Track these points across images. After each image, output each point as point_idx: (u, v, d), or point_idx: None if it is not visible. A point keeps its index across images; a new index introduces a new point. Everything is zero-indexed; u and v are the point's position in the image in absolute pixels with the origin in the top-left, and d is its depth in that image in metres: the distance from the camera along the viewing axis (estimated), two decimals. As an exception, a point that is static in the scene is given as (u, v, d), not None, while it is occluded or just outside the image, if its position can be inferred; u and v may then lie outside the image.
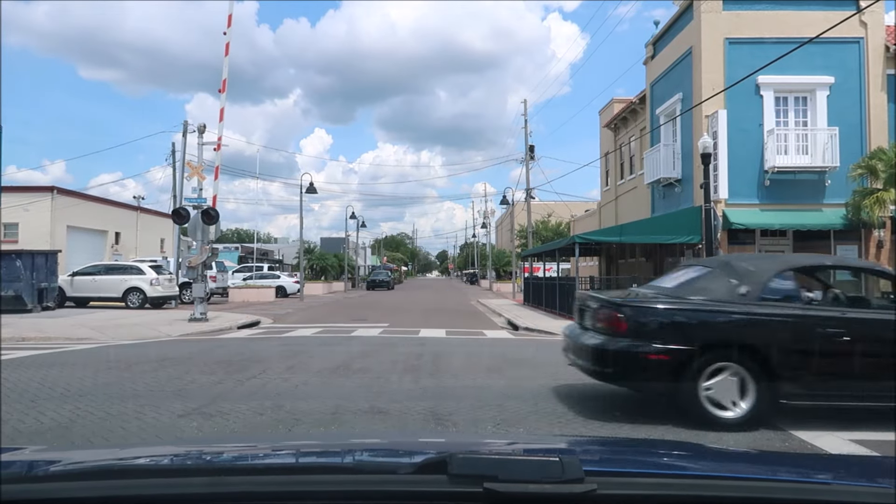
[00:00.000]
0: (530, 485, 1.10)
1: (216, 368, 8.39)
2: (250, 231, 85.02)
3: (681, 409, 5.47)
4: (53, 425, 5.36)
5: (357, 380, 7.61)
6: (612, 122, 28.75)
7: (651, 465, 1.55)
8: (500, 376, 7.94)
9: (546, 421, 5.67)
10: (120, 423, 5.44)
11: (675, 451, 1.89)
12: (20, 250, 21.83)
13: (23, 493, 1.17)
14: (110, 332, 14.33)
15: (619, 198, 28.28)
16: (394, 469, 1.40)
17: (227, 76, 17.89)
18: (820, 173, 17.79)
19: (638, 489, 1.19)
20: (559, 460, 1.15)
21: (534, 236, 39.75)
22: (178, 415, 5.72)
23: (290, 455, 1.68)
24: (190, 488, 1.19)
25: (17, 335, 13.05)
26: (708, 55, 18.18)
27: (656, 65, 22.59)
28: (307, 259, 44.58)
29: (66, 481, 1.25)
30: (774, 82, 17.75)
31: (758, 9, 18.30)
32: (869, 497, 1.26)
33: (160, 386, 7.17)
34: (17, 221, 32.34)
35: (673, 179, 20.45)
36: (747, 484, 1.28)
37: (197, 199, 17.68)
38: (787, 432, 5.30)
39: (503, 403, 6.30)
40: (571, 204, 44.99)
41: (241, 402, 6.25)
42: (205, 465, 1.46)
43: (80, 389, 6.91)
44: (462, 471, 1.12)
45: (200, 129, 19.84)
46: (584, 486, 1.11)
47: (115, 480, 1.23)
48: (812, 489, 1.30)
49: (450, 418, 5.69)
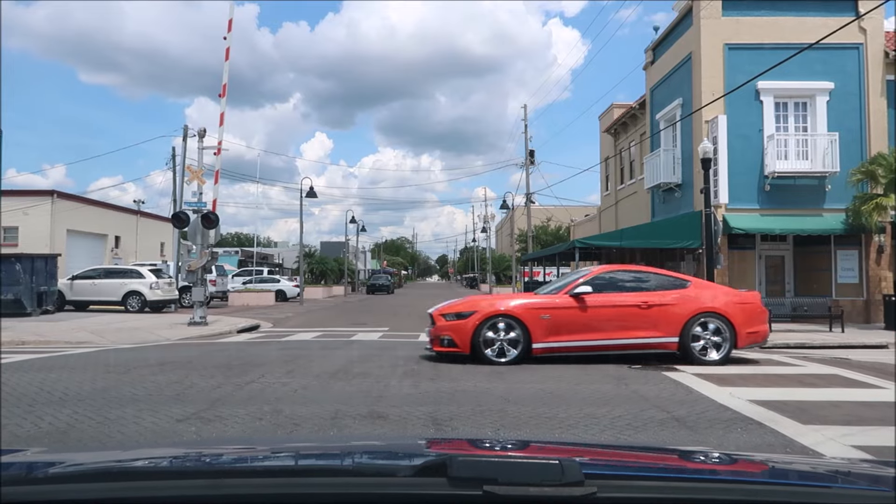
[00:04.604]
0: (530, 488, 1.10)
1: (215, 372, 8.37)
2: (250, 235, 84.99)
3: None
4: (51, 430, 5.33)
5: (357, 384, 7.58)
6: (613, 127, 28.78)
7: (651, 469, 1.55)
8: (500, 380, 7.91)
9: (547, 426, 5.64)
10: (118, 427, 5.42)
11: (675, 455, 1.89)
12: (20, 254, 21.82)
13: (23, 495, 1.17)
14: (109, 335, 14.30)
15: (620, 202, 28.29)
16: (393, 472, 1.40)
17: (227, 81, 17.90)
18: (820, 178, 17.80)
19: (638, 492, 1.19)
20: (559, 463, 1.15)
21: (534, 241, 39.73)
22: (176, 419, 5.69)
23: (290, 457, 1.68)
24: (190, 490, 1.19)
25: (16, 339, 13.02)
26: (708, 60, 18.21)
27: (656, 70, 22.62)
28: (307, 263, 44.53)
29: (67, 483, 1.25)
30: (774, 88, 17.78)
31: (757, 14, 18.34)
32: (869, 500, 1.25)
33: (159, 390, 7.15)
34: (17, 225, 32.33)
35: (673, 184, 20.46)
36: (748, 487, 1.28)
37: (197, 203, 17.67)
38: (788, 437, 5.28)
39: (504, 408, 6.28)
40: (571, 208, 45.02)
41: (240, 407, 6.22)
42: (204, 467, 1.47)
43: (79, 394, 6.88)
44: (462, 473, 1.13)
45: (201, 134, 19.83)
46: (583, 489, 1.11)
47: (115, 482, 1.24)
48: (813, 493, 1.29)
49: (449, 423, 5.67)
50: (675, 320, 9.47)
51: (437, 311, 9.97)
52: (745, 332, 9.58)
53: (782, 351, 12.43)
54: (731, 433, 5.39)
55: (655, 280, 10.03)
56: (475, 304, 9.95)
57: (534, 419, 5.88)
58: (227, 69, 17.86)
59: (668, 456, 1.86)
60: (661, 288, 9.82)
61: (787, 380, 8.27)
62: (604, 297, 9.62)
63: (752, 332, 9.67)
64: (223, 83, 17.87)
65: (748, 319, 9.67)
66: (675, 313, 9.50)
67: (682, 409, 6.24)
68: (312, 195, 34.24)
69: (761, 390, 7.38)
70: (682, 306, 9.55)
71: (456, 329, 9.48)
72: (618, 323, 9.51)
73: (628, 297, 9.65)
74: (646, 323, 9.48)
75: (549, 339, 9.38)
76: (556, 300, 9.67)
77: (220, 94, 18.12)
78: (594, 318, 9.51)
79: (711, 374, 8.38)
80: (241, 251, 55.38)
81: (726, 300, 9.77)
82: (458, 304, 10.10)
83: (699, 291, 9.87)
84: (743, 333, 9.55)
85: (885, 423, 5.82)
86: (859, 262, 18.15)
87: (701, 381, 7.81)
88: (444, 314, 9.80)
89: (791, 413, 6.08)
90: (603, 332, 9.49)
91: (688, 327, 9.47)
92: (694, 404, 6.52)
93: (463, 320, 9.49)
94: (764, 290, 18.33)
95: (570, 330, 9.47)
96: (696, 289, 9.94)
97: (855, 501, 1.25)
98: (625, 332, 9.49)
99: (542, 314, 9.46)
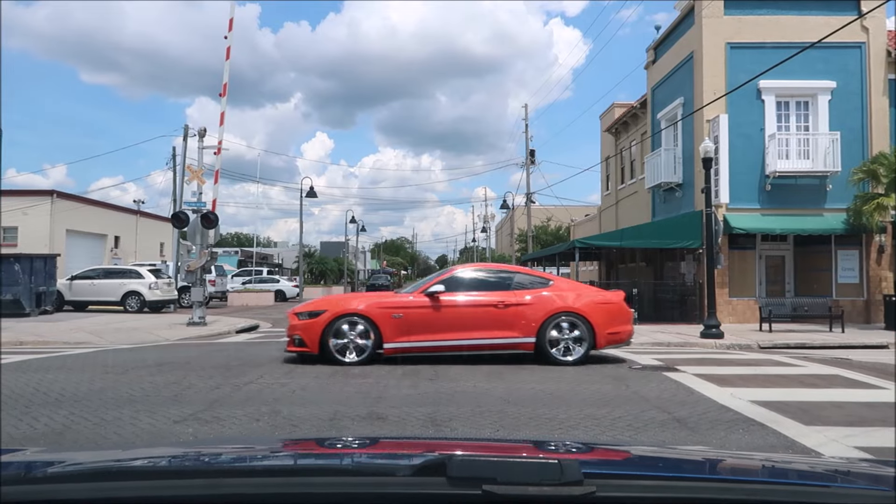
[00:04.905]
0: (529, 487, 1.10)
1: (214, 373, 8.32)
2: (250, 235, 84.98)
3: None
4: (47, 431, 5.29)
5: (355, 385, 7.54)
6: (613, 127, 28.73)
7: (650, 468, 1.54)
8: (499, 381, 7.87)
9: (547, 427, 5.60)
10: (114, 429, 5.37)
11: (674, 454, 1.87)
12: (19, 254, 21.78)
13: (22, 494, 1.16)
14: (108, 336, 14.27)
15: (620, 202, 28.24)
16: (392, 471, 1.40)
17: (227, 80, 17.87)
18: (821, 178, 17.76)
19: (637, 491, 1.18)
20: (558, 462, 1.15)
21: (534, 241, 39.70)
22: (173, 421, 5.64)
23: (289, 457, 1.68)
24: (189, 490, 1.19)
25: (14, 339, 12.99)
26: (709, 60, 18.17)
27: (657, 69, 22.57)
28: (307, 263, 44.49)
29: (66, 483, 1.25)
30: (776, 87, 17.73)
31: (759, 13, 18.29)
32: (869, 500, 1.25)
33: (157, 391, 7.10)
34: (17, 225, 32.30)
35: (674, 184, 20.41)
36: (748, 487, 1.27)
37: (196, 203, 17.63)
38: (789, 437, 5.25)
39: (503, 409, 6.23)
40: (571, 208, 44.98)
41: (238, 408, 6.18)
42: (203, 466, 1.46)
43: (76, 394, 6.84)
44: (461, 473, 1.13)
45: (201, 133, 19.79)
46: (583, 488, 1.10)
47: (115, 482, 1.24)
48: (813, 492, 1.28)
49: (449, 424, 5.62)
50: (532, 320, 9.26)
51: (293, 311, 9.73)
52: (606, 332, 9.39)
53: (783, 351, 12.39)
54: (733, 434, 5.34)
55: (517, 279, 9.80)
56: (329, 303, 9.78)
57: (534, 420, 5.83)
58: (228, 68, 17.84)
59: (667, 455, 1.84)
60: (522, 287, 9.59)
61: (788, 380, 8.22)
62: (460, 297, 9.44)
63: (613, 333, 9.47)
64: (224, 82, 17.84)
65: (610, 320, 9.46)
66: (533, 313, 9.29)
67: (683, 410, 6.19)
68: (312, 195, 34.22)
69: (763, 391, 7.33)
70: (539, 306, 9.35)
71: (306, 328, 9.23)
72: (473, 323, 9.30)
73: (485, 297, 9.44)
74: (502, 323, 9.27)
75: (401, 338, 9.18)
76: (411, 299, 9.47)
77: (220, 94, 18.09)
78: (448, 317, 9.31)
79: (713, 375, 8.33)
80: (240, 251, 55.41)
81: (586, 300, 9.56)
82: (314, 303, 9.89)
83: (560, 291, 9.63)
84: (603, 334, 9.36)
85: (888, 423, 5.77)
86: (860, 262, 18.10)
87: (702, 382, 7.77)
88: (297, 313, 9.53)
89: (793, 414, 6.03)
90: (457, 331, 9.27)
91: (544, 327, 9.25)
92: (695, 405, 6.47)
93: (313, 319, 9.25)
94: (764, 290, 18.30)
95: (422, 330, 9.25)
96: (558, 289, 9.72)
97: (855, 501, 1.24)
98: (480, 331, 9.27)
99: (394, 313, 9.24)
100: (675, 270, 20.88)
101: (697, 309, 17.59)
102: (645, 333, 15.28)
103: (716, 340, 13.47)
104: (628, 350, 11.80)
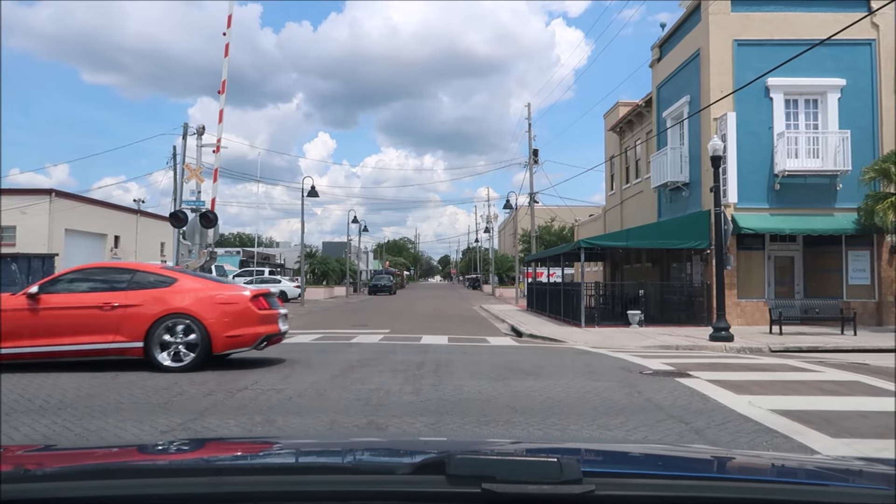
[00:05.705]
0: (528, 485, 1.09)
1: (207, 378, 8.00)
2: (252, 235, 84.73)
3: None
4: (25, 441, 4.97)
5: (355, 391, 7.22)
6: (618, 126, 28.39)
7: (650, 467, 1.55)
8: (505, 387, 7.55)
9: (556, 439, 5.29)
10: (97, 440, 5.07)
11: (673, 453, 1.87)
12: (16, 254, 21.54)
13: (22, 492, 1.16)
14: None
15: (625, 202, 27.91)
16: (392, 469, 1.41)
17: (226, 77, 17.61)
18: (831, 177, 17.40)
19: (636, 490, 1.18)
20: (557, 461, 1.14)
21: (537, 241, 39.39)
22: (160, 431, 5.34)
23: (290, 455, 1.68)
24: (189, 488, 1.18)
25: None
26: (716, 57, 17.82)
27: (663, 67, 22.23)
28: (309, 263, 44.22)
29: (65, 481, 1.25)
30: (784, 84, 17.38)
31: (767, 10, 17.95)
32: (869, 499, 1.25)
33: (146, 397, 6.79)
34: (15, 224, 32.05)
35: (680, 183, 20.06)
36: (746, 485, 1.27)
37: (195, 202, 17.35)
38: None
39: (511, 419, 5.92)
40: (575, 208, 44.65)
41: (230, 417, 5.87)
42: (203, 464, 1.48)
43: (61, 401, 6.52)
44: (460, 471, 1.12)
45: (199, 132, 19.55)
46: (582, 486, 1.10)
47: (114, 480, 1.23)
48: (811, 491, 1.28)
49: (453, 436, 5.31)
50: (140, 323, 8.61)
51: None
52: (224, 335, 8.73)
53: (795, 355, 12.06)
54: (757, 448, 5.02)
55: (136, 278, 9.08)
56: None
57: (544, 431, 5.52)
58: (227, 65, 17.58)
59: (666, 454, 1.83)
60: (139, 287, 8.91)
61: (806, 387, 7.89)
62: (63, 299, 8.74)
63: (233, 336, 8.82)
64: (223, 79, 17.58)
65: (230, 322, 8.80)
66: (141, 315, 8.63)
67: (700, 420, 5.87)
68: (314, 194, 33.96)
69: (781, 398, 7.01)
70: (148, 307, 8.69)
71: None
72: (74, 327, 8.59)
73: (91, 298, 8.74)
74: (106, 326, 8.63)
75: None
76: (11, 302, 8.68)
77: (219, 91, 17.81)
78: (47, 321, 8.59)
79: (727, 381, 8.00)
80: (242, 251, 55.13)
81: (201, 301, 8.84)
82: None
83: (179, 292, 8.91)
84: (220, 336, 8.71)
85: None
86: (871, 262, 17.74)
87: (717, 389, 7.44)
88: None
89: (816, 424, 5.71)
90: (55, 336, 8.56)
91: (153, 330, 8.61)
92: (712, 414, 6.15)
93: None
94: (773, 292, 17.94)
95: (20, 335, 8.49)
96: (179, 288, 8.98)
97: (855, 500, 1.24)
98: (81, 336, 8.58)
99: None
100: (681, 271, 20.54)
101: (705, 311, 17.22)
102: (651, 336, 14.95)
103: (725, 343, 13.13)
104: (636, 354, 11.48)
